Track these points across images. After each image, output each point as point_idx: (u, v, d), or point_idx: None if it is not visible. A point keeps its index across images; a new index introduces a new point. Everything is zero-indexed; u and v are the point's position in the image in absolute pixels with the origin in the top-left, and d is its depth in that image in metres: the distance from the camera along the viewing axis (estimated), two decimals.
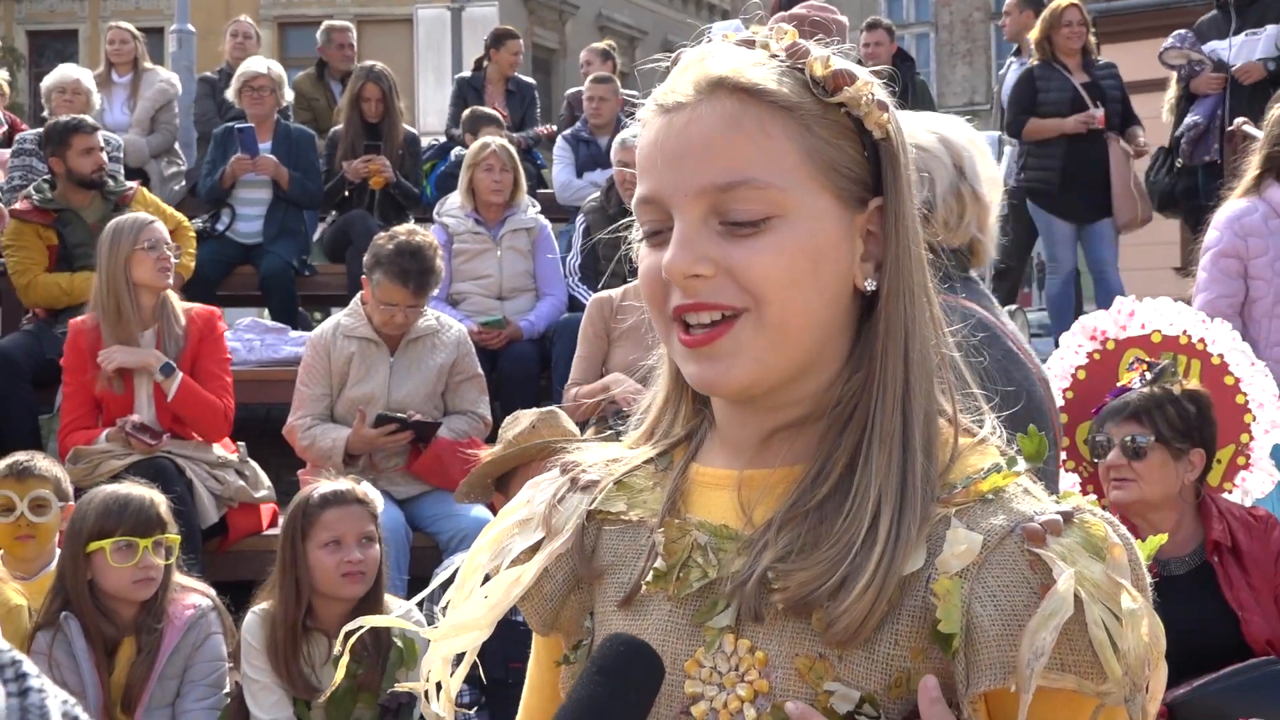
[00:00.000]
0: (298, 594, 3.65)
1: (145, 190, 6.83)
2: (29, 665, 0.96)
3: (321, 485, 3.76)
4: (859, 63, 1.19)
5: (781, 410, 1.18)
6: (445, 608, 1.28)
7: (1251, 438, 3.65)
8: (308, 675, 3.61)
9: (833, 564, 1.09)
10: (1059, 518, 1.09)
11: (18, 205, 6.46)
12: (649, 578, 1.19)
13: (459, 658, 1.27)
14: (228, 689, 3.77)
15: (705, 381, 1.17)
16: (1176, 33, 7.85)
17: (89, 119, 6.60)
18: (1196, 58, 7.86)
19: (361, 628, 1.29)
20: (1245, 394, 3.63)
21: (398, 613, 1.31)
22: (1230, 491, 3.64)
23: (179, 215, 6.77)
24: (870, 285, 1.17)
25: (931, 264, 1.14)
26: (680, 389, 1.27)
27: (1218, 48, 7.76)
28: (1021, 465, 1.17)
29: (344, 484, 3.75)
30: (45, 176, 6.49)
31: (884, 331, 1.16)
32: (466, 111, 8.54)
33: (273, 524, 5.09)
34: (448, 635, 1.26)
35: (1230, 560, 3.33)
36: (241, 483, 5.06)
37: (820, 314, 1.15)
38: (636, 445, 1.30)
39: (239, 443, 5.21)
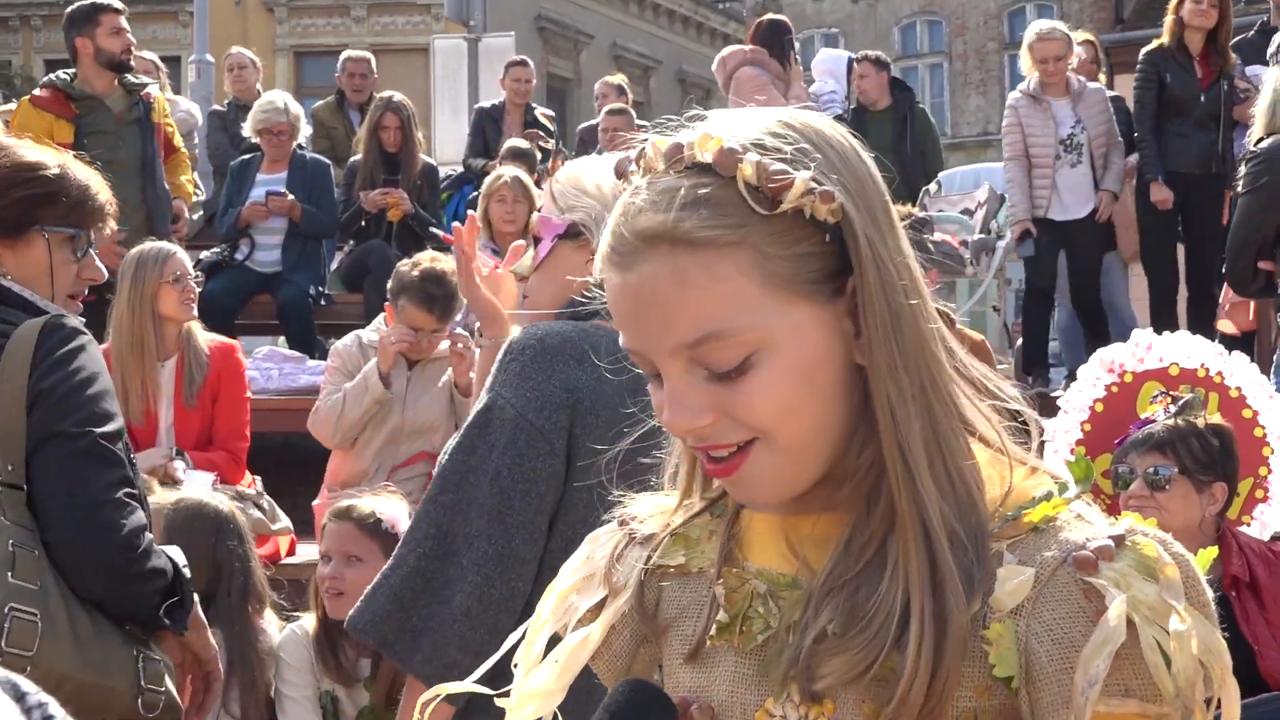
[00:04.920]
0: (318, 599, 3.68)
1: (160, 95, 6.96)
2: (55, 708, 0.96)
3: (342, 498, 3.76)
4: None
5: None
6: (515, 668, 1.29)
7: (1270, 470, 3.64)
8: (347, 668, 3.63)
9: (866, 649, 1.09)
10: (1110, 543, 1.08)
11: (38, 93, 6.36)
12: (713, 631, 1.20)
13: None
14: None
15: (739, 499, 1.20)
16: None
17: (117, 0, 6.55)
18: (1243, 85, 7.67)
19: (438, 696, 1.28)
20: (1264, 427, 3.62)
21: (471, 678, 1.31)
22: (1248, 524, 3.63)
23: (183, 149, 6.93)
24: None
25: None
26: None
27: (1260, 71, 7.59)
28: (1072, 491, 1.14)
29: (364, 501, 3.68)
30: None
31: (877, 405, 1.12)
32: (505, 144, 8.48)
33: (291, 553, 5.12)
34: (522, 703, 1.26)
35: (1248, 595, 3.32)
36: (260, 515, 5.07)
37: (829, 417, 1.13)
38: (685, 496, 1.28)
39: (256, 477, 5.23)
